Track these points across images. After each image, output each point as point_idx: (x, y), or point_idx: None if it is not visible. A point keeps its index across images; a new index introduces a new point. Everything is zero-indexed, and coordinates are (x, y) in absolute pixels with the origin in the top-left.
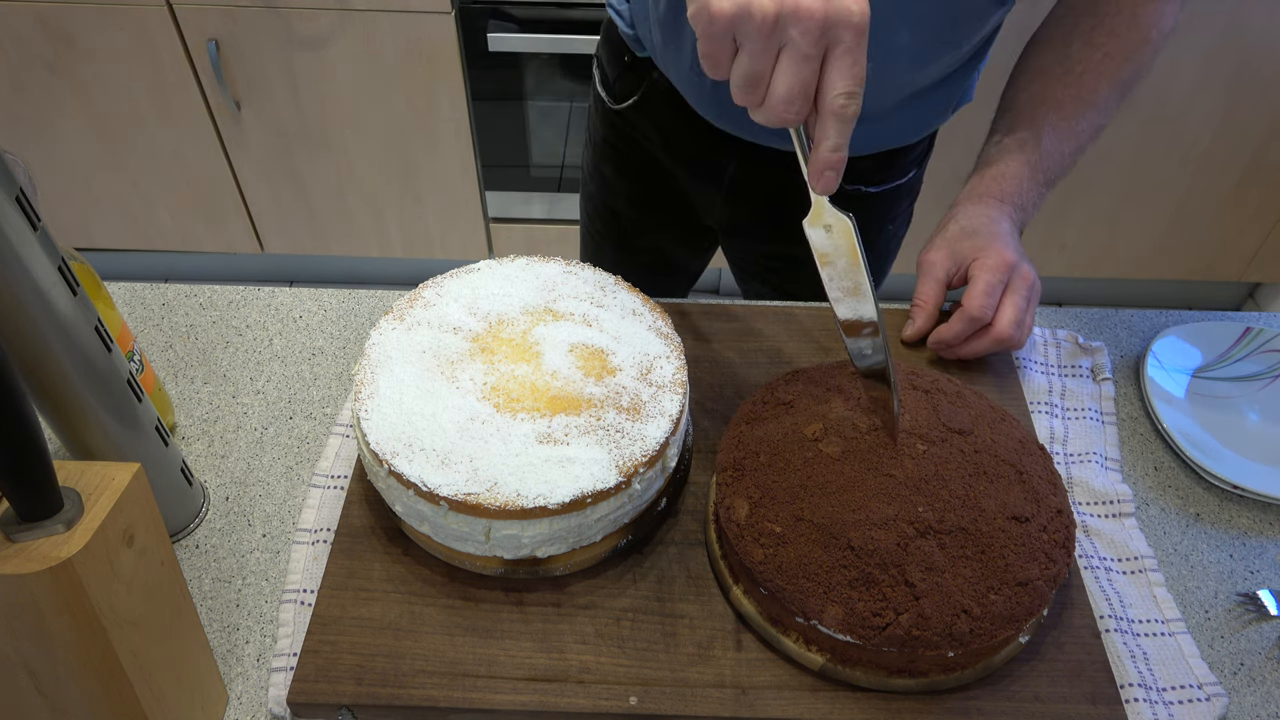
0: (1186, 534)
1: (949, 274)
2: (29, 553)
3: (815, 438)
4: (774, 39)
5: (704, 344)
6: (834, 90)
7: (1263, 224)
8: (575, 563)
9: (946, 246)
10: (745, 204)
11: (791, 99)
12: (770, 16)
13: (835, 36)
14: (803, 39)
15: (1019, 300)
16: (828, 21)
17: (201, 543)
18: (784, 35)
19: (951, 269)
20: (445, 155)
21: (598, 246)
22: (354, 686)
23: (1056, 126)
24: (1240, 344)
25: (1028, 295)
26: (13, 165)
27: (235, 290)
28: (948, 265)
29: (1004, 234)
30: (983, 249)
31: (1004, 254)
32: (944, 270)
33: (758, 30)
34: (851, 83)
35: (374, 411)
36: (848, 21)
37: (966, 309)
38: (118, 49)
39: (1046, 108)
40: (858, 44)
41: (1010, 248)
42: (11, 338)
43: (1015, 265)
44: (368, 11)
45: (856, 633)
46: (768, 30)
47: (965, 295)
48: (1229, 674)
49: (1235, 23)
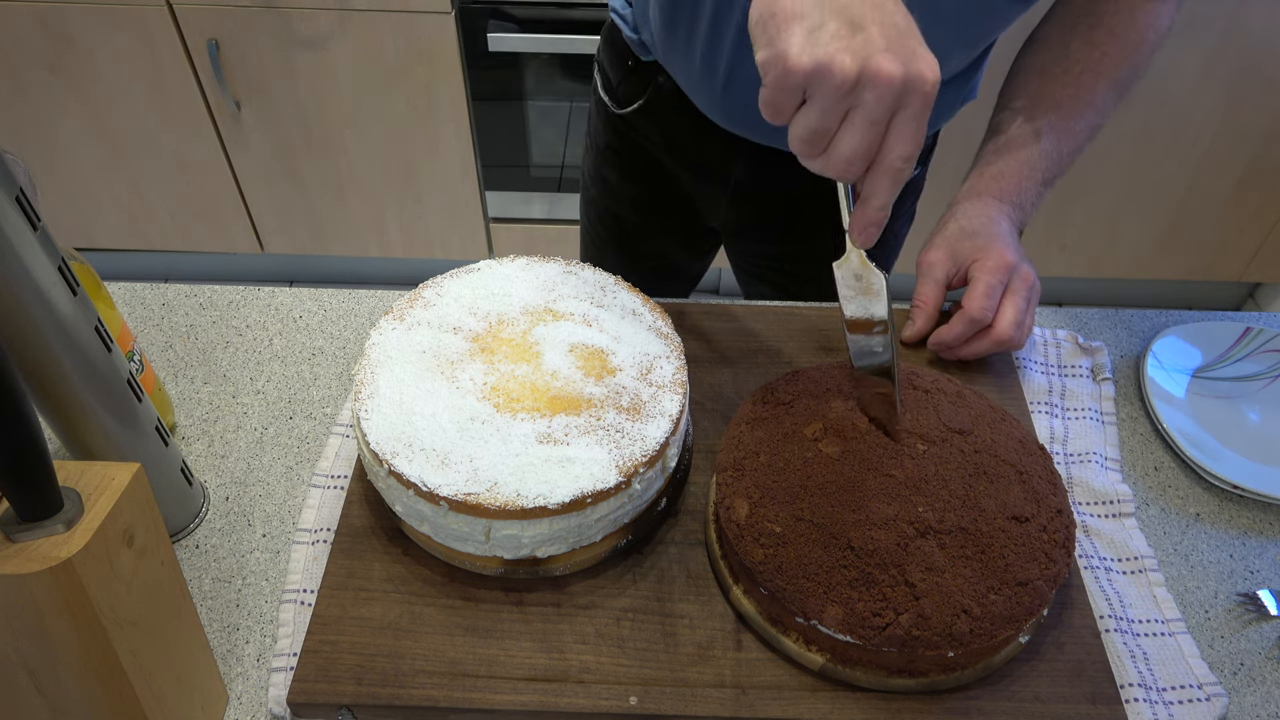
0: (1186, 534)
1: (949, 275)
2: (29, 553)
3: (815, 438)
4: (848, 99)
5: (704, 344)
6: (894, 153)
7: (1263, 224)
8: (575, 563)
9: (946, 247)
10: (751, 205)
11: (854, 159)
12: (851, 78)
13: (906, 101)
14: (877, 104)
15: (1019, 301)
16: (904, 87)
17: (201, 543)
18: (859, 97)
19: (951, 270)
20: (445, 155)
21: (600, 250)
22: (354, 686)
23: (1055, 126)
24: (1240, 344)
25: (1028, 296)
26: (13, 165)
27: (235, 290)
28: (947, 266)
29: (1003, 234)
30: (982, 250)
31: (1004, 255)
32: (944, 271)
33: (835, 90)
34: (913, 147)
35: (374, 411)
36: (921, 89)
37: (967, 310)
38: (118, 49)
39: (1045, 107)
40: (924, 110)
41: (1010, 248)
42: (11, 338)
43: (1015, 266)
44: (368, 11)
45: (856, 633)
46: (845, 91)
47: (965, 297)
48: (1229, 674)
49: (1235, 23)
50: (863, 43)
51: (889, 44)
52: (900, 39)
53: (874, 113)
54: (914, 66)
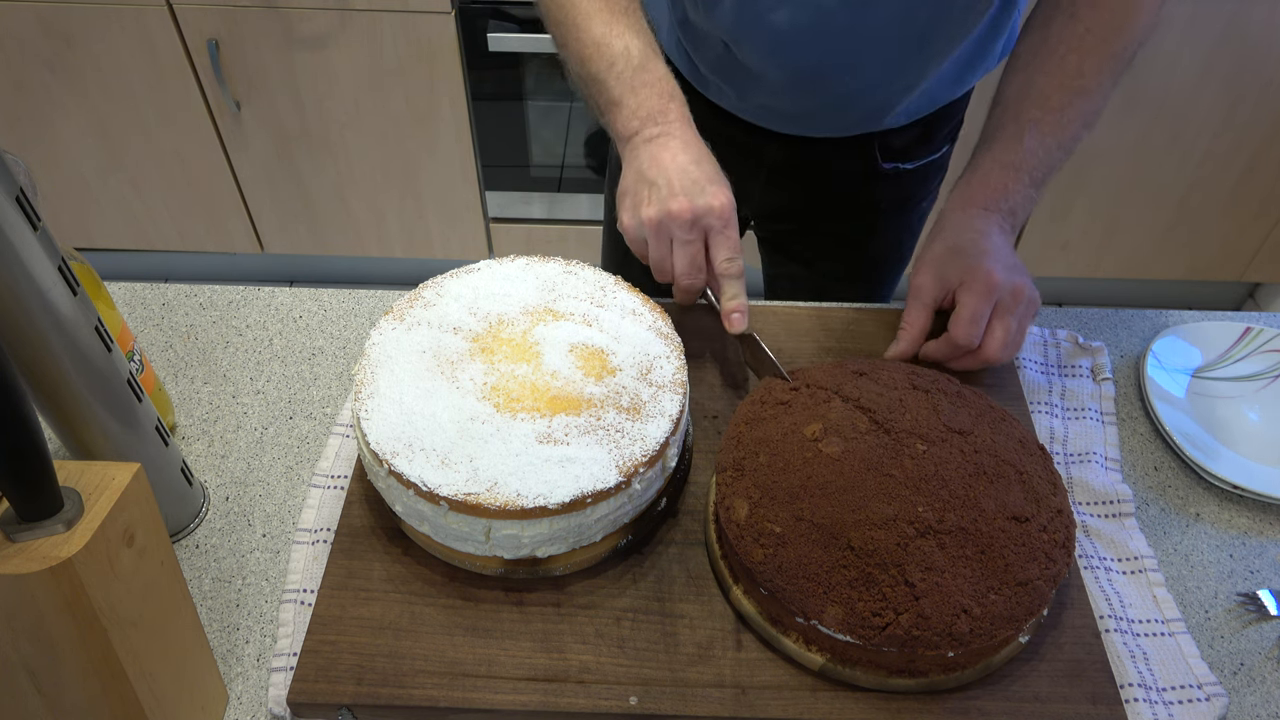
0: (1186, 534)
1: (936, 299)
2: (29, 553)
3: (815, 438)
4: (664, 236)
5: (704, 344)
6: (719, 258)
7: (1263, 224)
8: (575, 563)
9: (934, 269)
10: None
11: (688, 272)
12: (655, 222)
13: (706, 224)
14: (683, 232)
15: (1009, 322)
16: (698, 216)
17: (201, 543)
18: (670, 232)
19: (939, 294)
20: (445, 155)
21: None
22: (354, 686)
23: (1041, 121)
24: (1240, 344)
25: (1019, 315)
26: (13, 165)
27: (235, 290)
28: (935, 290)
29: (993, 249)
30: (970, 271)
31: (990, 276)
32: (932, 296)
33: (653, 233)
34: (729, 251)
35: (374, 411)
36: (712, 213)
37: (953, 337)
38: (118, 49)
39: (1029, 102)
40: (726, 227)
41: (998, 266)
42: (11, 338)
43: (1002, 285)
44: (368, 11)
45: (856, 633)
46: (656, 231)
47: (951, 322)
48: (1229, 674)
49: (1235, 22)
50: (663, 197)
51: (681, 190)
52: (691, 185)
53: (684, 237)
54: (701, 201)
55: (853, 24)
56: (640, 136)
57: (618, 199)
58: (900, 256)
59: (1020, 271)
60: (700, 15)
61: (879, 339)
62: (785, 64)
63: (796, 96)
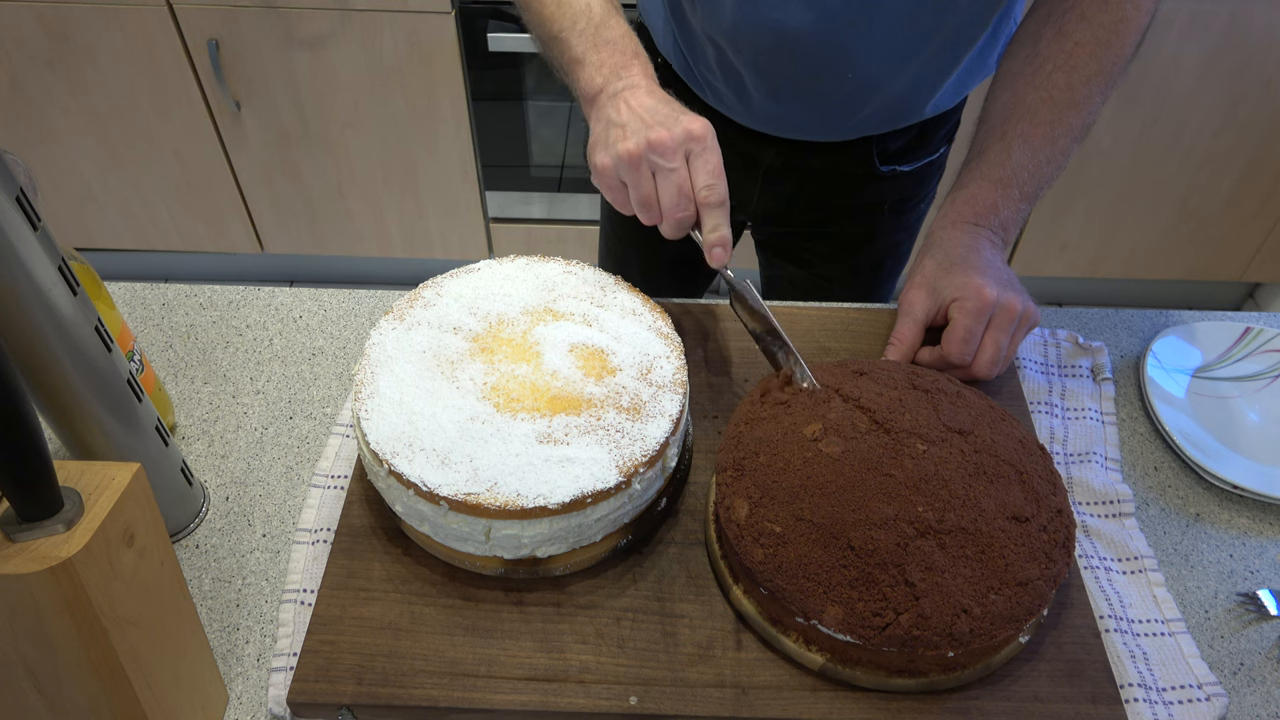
0: (1186, 534)
1: (928, 315)
2: (29, 553)
3: (815, 438)
4: (644, 168)
5: (704, 344)
6: (699, 184)
7: (1263, 224)
8: (575, 563)
9: (926, 285)
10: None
11: (677, 202)
12: (634, 155)
13: (689, 149)
14: (666, 160)
15: (1000, 339)
16: (681, 140)
17: (201, 543)
18: (652, 163)
19: (931, 310)
20: (445, 155)
21: (621, 250)
22: (354, 686)
23: (1028, 136)
24: (1240, 344)
25: (1011, 330)
26: (13, 165)
27: (235, 290)
28: (927, 306)
29: (984, 265)
30: (961, 288)
31: (982, 292)
32: (924, 311)
33: (632, 167)
34: (710, 177)
35: (374, 411)
36: (693, 136)
37: (947, 354)
38: (118, 49)
39: (1016, 118)
40: (707, 150)
41: (990, 281)
42: (11, 338)
43: (995, 302)
44: (368, 11)
45: (856, 633)
46: (638, 164)
47: (944, 339)
48: (1229, 674)
49: (1235, 22)
50: (636, 130)
51: (656, 121)
52: (665, 117)
53: (668, 165)
54: (678, 127)
55: (855, 23)
56: (605, 93)
57: (589, 151)
58: (899, 257)
59: (1013, 287)
60: (699, 17)
61: (878, 339)
62: (785, 65)
63: (794, 101)
